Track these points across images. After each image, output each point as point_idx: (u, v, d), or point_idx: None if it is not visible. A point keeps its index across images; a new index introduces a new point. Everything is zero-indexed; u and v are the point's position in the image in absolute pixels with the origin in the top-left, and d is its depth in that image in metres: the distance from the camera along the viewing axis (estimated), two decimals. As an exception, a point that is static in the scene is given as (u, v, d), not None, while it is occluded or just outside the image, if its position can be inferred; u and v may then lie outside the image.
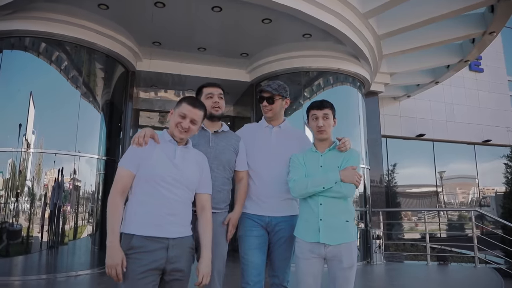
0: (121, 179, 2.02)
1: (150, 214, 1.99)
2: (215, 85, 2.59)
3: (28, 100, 5.41)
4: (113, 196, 2.00)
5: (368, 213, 6.89)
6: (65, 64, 5.70)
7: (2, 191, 5.22)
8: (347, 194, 2.31)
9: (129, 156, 2.07)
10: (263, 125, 2.70)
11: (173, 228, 2.02)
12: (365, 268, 6.27)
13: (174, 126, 2.11)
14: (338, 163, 2.38)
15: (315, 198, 2.33)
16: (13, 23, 5.31)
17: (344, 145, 2.41)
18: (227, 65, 7.26)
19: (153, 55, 6.86)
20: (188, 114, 2.09)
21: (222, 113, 2.57)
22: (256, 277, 2.47)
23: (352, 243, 2.32)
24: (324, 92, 6.93)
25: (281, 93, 2.61)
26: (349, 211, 2.38)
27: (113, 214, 1.96)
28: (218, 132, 2.55)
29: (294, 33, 6.03)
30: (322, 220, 2.29)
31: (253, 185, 2.60)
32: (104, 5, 5.13)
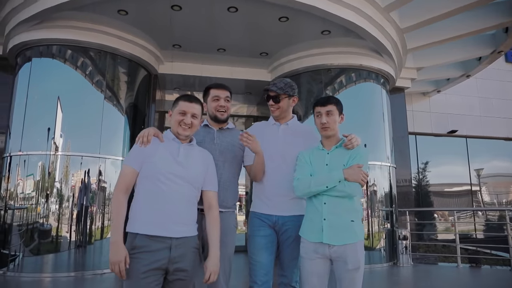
0: (124, 177, 2.06)
1: (153, 212, 2.00)
2: (223, 87, 2.57)
3: (56, 104, 5.65)
4: (117, 194, 2.03)
5: (394, 213, 6.68)
6: (89, 69, 5.91)
7: (33, 193, 5.48)
8: (351, 193, 2.24)
9: (133, 154, 2.11)
10: (270, 123, 2.68)
11: (176, 227, 2.02)
12: (391, 270, 6.08)
13: (177, 125, 2.14)
14: (344, 161, 2.30)
15: (319, 197, 2.28)
16: (41, 33, 5.56)
17: (351, 142, 2.33)
18: (248, 65, 7.26)
19: (175, 58, 6.98)
20: (188, 109, 2.13)
21: (227, 116, 2.56)
22: (264, 277, 2.45)
23: (358, 243, 2.24)
24: (347, 90, 6.78)
25: (287, 92, 2.57)
26: (355, 210, 2.30)
27: (117, 212, 1.99)
28: (223, 129, 2.56)
29: (312, 30, 5.94)
30: (326, 219, 2.24)
31: (261, 183, 2.58)
32: (123, 11, 5.27)
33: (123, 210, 2.01)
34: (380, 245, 6.37)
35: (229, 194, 2.50)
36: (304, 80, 6.97)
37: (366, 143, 6.33)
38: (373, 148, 6.60)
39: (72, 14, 5.35)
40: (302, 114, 6.85)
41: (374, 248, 6.32)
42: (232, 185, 2.54)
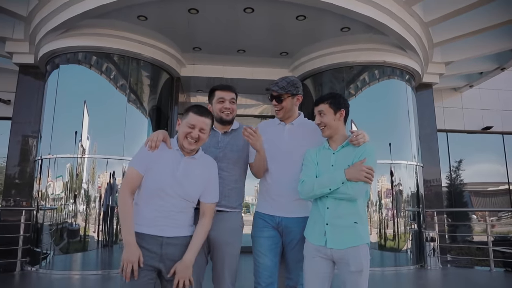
0: (130, 179, 2.09)
1: (146, 216, 2.07)
2: (228, 88, 2.55)
3: (82, 108, 5.88)
4: (123, 195, 2.07)
5: (421, 213, 6.43)
6: (113, 74, 6.11)
7: (62, 194, 5.73)
8: (354, 195, 2.14)
9: (139, 157, 2.13)
10: (275, 122, 2.62)
11: (166, 228, 2.08)
12: (418, 273, 5.87)
13: (183, 137, 2.10)
14: (350, 161, 2.21)
15: (323, 201, 2.23)
16: (68, 41, 5.81)
17: (356, 138, 2.23)
18: (269, 65, 7.24)
19: (196, 60, 7.08)
20: (197, 124, 2.09)
21: (233, 118, 2.53)
22: (268, 279, 2.43)
23: (361, 246, 2.16)
24: (370, 88, 6.60)
25: (289, 91, 2.47)
26: (359, 213, 2.22)
27: (126, 213, 2.04)
28: (228, 132, 2.54)
29: (331, 28, 5.84)
30: (328, 224, 2.18)
31: (266, 183, 2.55)
32: (142, 16, 5.41)
33: (131, 211, 2.06)
34: (406, 247, 6.16)
35: (233, 195, 2.49)
36: (326, 78, 6.87)
37: (391, 142, 6.30)
38: (398, 147, 6.41)
39: (96, 22, 5.55)
40: (324, 113, 6.75)
41: (400, 249, 6.12)
42: (237, 187, 2.53)
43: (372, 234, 6.13)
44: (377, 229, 6.16)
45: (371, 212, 6.22)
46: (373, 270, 5.88)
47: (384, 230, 6.15)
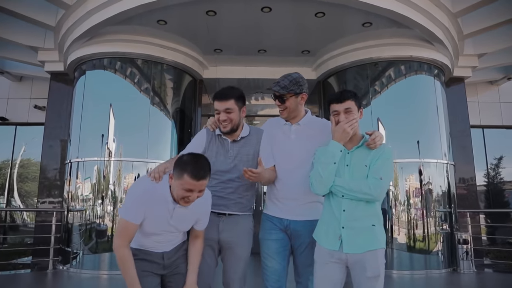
0: (128, 233, 2.04)
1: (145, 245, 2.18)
2: (222, 98, 2.37)
3: (108, 112, 6.06)
4: (121, 249, 2.01)
5: (453, 214, 6.12)
6: (137, 78, 6.26)
7: (90, 195, 5.94)
8: (377, 196, 2.05)
9: (134, 210, 2.03)
10: (282, 122, 2.52)
11: (166, 247, 2.20)
12: (449, 277, 5.58)
13: (179, 198, 1.99)
14: (367, 161, 2.12)
15: (338, 202, 2.11)
16: (93, 48, 6.02)
17: (374, 141, 2.13)
18: (291, 64, 7.14)
19: (218, 62, 7.12)
20: (195, 188, 1.95)
21: (233, 127, 2.39)
22: (276, 283, 2.38)
23: (379, 251, 2.07)
24: (396, 84, 6.36)
25: (292, 90, 2.37)
26: (377, 214, 2.14)
27: (127, 267, 1.99)
28: (237, 140, 2.45)
29: (352, 24, 5.68)
30: (344, 228, 2.07)
31: (273, 186, 2.50)
32: (162, 21, 5.50)
33: (131, 262, 2.02)
34: (437, 249, 5.88)
35: (244, 202, 2.46)
36: (350, 76, 6.70)
37: (419, 139, 6.06)
38: (427, 145, 6.14)
39: (118, 28, 5.71)
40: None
41: (430, 251, 5.85)
42: (248, 194, 2.49)
43: (400, 235, 5.91)
44: (406, 229, 5.92)
45: (399, 212, 5.99)
46: (402, 273, 5.66)
47: (413, 231, 5.90)
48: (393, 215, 5.99)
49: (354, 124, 2.10)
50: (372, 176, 2.07)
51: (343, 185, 2.08)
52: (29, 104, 8.21)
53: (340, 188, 2.09)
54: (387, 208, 5.98)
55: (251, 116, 9.19)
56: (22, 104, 8.29)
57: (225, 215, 2.40)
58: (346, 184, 2.09)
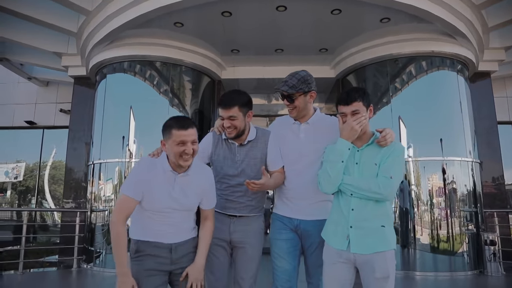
0: (126, 207, 2.02)
1: (150, 226, 2.09)
2: (226, 105, 2.33)
3: (128, 114, 6.20)
4: (117, 225, 1.99)
5: (479, 214, 5.89)
6: (156, 80, 6.37)
7: (112, 196, 6.08)
8: (387, 195, 1.99)
9: (133, 185, 2.03)
10: (291, 121, 2.47)
11: (173, 236, 2.11)
12: (476, 279, 5.38)
13: (178, 157, 2.00)
14: (377, 159, 2.06)
15: (347, 201, 2.06)
16: (112, 52, 6.17)
17: (385, 139, 2.06)
18: (309, 63, 7.07)
19: (235, 62, 7.14)
20: (186, 138, 1.97)
21: (238, 133, 2.36)
22: (286, 283, 2.35)
23: (388, 252, 2.01)
24: (417, 81, 6.17)
25: (301, 89, 2.30)
26: (386, 215, 2.07)
27: (118, 243, 1.99)
28: (244, 144, 2.42)
29: (370, 20, 5.57)
30: (352, 227, 2.02)
31: (283, 185, 2.46)
32: (178, 23, 5.57)
33: (124, 240, 2.01)
34: (462, 250, 5.68)
35: (254, 204, 2.45)
36: (370, 73, 6.58)
37: (442, 137, 5.87)
38: (451, 143, 5.95)
39: (137, 32, 5.82)
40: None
41: (455, 253, 5.65)
42: (258, 196, 2.46)
43: (423, 235, 5.75)
44: (429, 230, 5.75)
45: (422, 212, 5.83)
46: (425, 274, 5.50)
47: (437, 231, 5.72)
48: (416, 215, 5.83)
49: (363, 122, 2.04)
50: (382, 174, 2.01)
51: (352, 183, 2.04)
52: (55, 108, 8.51)
53: (349, 186, 2.04)
54: (409, 208, 5.84)
55: (272, 116, 9.17)
56: (48, 108, 8.60)
57: (235, 217, 2.41)
58: (355, 182, 2.04)
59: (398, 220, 5.90)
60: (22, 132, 8.98)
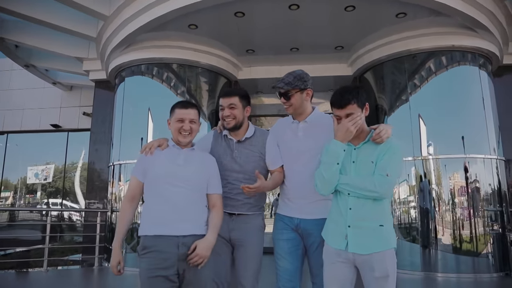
0: (130, 187, 2.23)
1: (158, 213, 2.10)
2: (227, 94, 2.46)
3: (147, 116, 6.32)
4: (123, 202, 2.25)
5: (504, 213, 5.66)
6: (173, 82, 6.48)
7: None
8: (383, 193, 1.94)
9: (137, 164, 2.25)
10: (290, 120, 2.50)
11: (181, 225, 2.08)
12: (501, 281, 5.17)
13: (177, 133, 2.20)
14: (373, 157, 2.02)
15: (345, 200, 2.03)
16: (130, 55, 6.32)
17: (379, 136, 2.03)
18: (325, 61, 7.04)
19: (251, 63, 7.16)
20: (185, 116, 2.18)
21: (237, 124, 2.41)
22: (288, 283, 2.34)
23: (387, 252, 1.97)
24: (437, 77, 5.99)
25: (297, 86, 2.33)
26: (385, 214, 2.03)
27: (120, 219, 2.21)
28: (242, 141, 2.46)
29: (385, 15, 5.46)
30: (350, 226, 2.00)
31: (283, 185, 2.48)
32: (193, 25, 5.64)
33: (126, 217, 2.21)
34: (486, 251, 5.47)
35: (253, 202, 2.45)
36: (387, 70, 6.44)
37: (463, 134, 5.68)
38: (473, 140, 5.75)
39: (152, 35, 5.94)
40: (387, 108, 6.32)
41: (479, 254, 5.45)
42: (257, 194, 2.43)
43: (444, 236, 5.58)
44: (451, 230, 5.57)
45: (443, 212, 5.66)
46: (448, 276, 5.34)
47: (459, 232, 5.54)
48: (437, 215, 5.67)
49: (358, 122, 2.00)
50: (378, 172, 1.97)
51: (348, 182, 2.01)
52: (79, 111, 8.80)
53: (346, 186, 2.02)
54: (429, 207, 5.68)
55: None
56: (72, 111, 8.90)
57: (234, 215, 2.42)
58: (351, 181, 2.01)
59: (418, 220, 5.76)
60: (49, 135, 9.34)
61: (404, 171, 5.94)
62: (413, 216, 5.86)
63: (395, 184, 2.01)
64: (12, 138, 9.66)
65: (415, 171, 5.85)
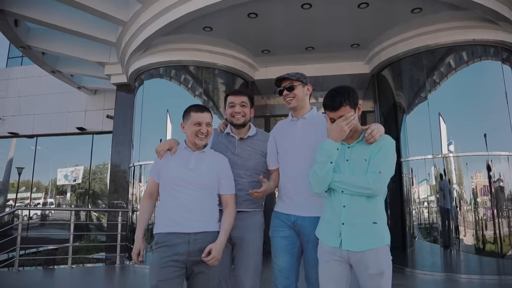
0: (148, 185, 2.44)
1: (170, 214, 2.21)
2: (239, 93, 2.60)
3: (165, 118, 6.47)
4: (142, 198, 2.46)
5: (531, 213, 5.42)
6: (191, 84, 6.59)
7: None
8: (376, 190, 1.94)
9: (153, 165, 2.41)
10: (289, 120, 2.58)
11: (192, 223, 2.18)
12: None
13: (194, 136, 2.28)
14: (366, 155, 2.03)
15: (339, 198, 2.05)
16: (148, 59, 6.49)
17: (371, 135, 2.04)
18: (342, 60, 6.98)
19: (268, 63, 7.19)
20: (202, 120, 2.28)
21: (245, 121, 2.53)
22: (284, 281, 2.36)
23: (380, 249, 1.97)
24: (457, 73, 5.80)
25: (300, 79, 2.46)
26: (379, 212, 2.03)
27: (140, 214, 2.45)
28: (244, 138, 2.54)
29: (400, 11, 5.36)
30: (344, 224, 2.01)
31: (281, 182, 2.52)
32: (207, 27, 5.73)
33: (145, 212, 2.42)
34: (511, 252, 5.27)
35: (253, 199, 2.48)
36: (405, 67, 6.30)
37: (486, 132, 5.49)
38: (496, 137, 5.54)
39: (169, 39, 6.07)
40: (405, 106, 6.18)
41: (504, 255, 5.25)
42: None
43: (466, 236, 5.41)
44: (473, 230, 5.40)
45: (465, 212, 5.49)
46: (470, 277, 5.17)
47: (482, 232, 5.36)
48: (458, 215, 5.50)
49: (352, 122, 2.01)
50: (371, 170, 1.98)
51: (342, 180, 2.02)
52: (103, 114, 9.10)
53: (339, 183, 2.03)
54: (450, 207, 5.52)
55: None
56: (97, 114, 9.22)
57: None
58: (344, 179, 2.02)
59: (439, 220, 5.61)
60: (75, 138, 9.71)
61: (424, 169, 5.81)
62: (433, 216, 5.71)
63: (388, 181, 1.99)
64: (41, 141, 10.12)
65: (435, 169, 5.71)
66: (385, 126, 2.25)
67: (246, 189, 2.43)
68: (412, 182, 5.97)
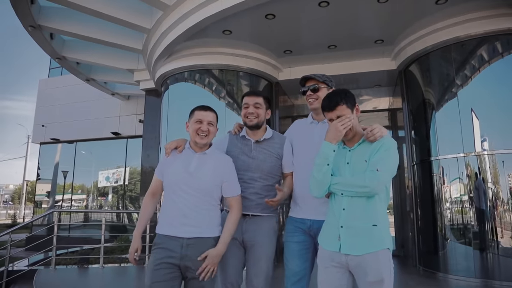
0: (152, 184, 2.43)
1: (168, 216, 2.25)
2: (253, 94, 2.59)
3: (190, 122, 6.60)
4: (145, 197, 2.45)
5: None
6: (215, 87, 6.69)
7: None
8: (374, 188, 1.88)
9: (158, 165, 2.43)
10: (308, 121, 2.55)
11: (186, 228, 2.19)
12: None
13: (194, 134, 2.27)
14: (366, 156, 1.99)
15: (338, 201, 2.01)
16: (172, 64, 6.66)
17: (372, 133, 2.01)
18: (367, 56, 6.79)
19: (291, 63, 7.14)
20: (203, 118, 2.28)
21: (258, 122, 2.50)
22: (295, 285, 2.34)
23: (381, 252, 1.89)
24: (490, 66, 5.46)
25: (326, 81, 2.44)
26: (379, 214, 1.96)
27: (142, 211, 2.43)
28: (260, 141, 2.52)
29: (423, 4, 5.12)
30: (343, 227, 1.97)
31: (295, 186, 2.49)
32: (227, 30, 5.79)
33: (147, 210, 2.42)
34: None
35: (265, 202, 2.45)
36: (434, 61, 5.99)
37: (521, 129, 5.09)
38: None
39: (191, 43, 6.20)
40: (434, 103, 5.89)
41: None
42: (271, 195, 2.48)
43: (504, 238, 5.07)
44: (511, 232, 5.05)
45: (501, 212, 5.14)
46: (509, 284, 4.84)
47: (521, 235, 5.00)
48: (495, 216, 5.17)
49: (348, 123, 1.98)
50: (369, 168, 1.92)
51: (339, 181, 1.98)
52: (135, 119, 9.45)
53: (337, 185, 1.99)
54: (485, 207, 5.20)
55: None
56: (130, 119, 9.59)
57: (248, 216, 2.45)
58: (342, 180, 1.98)
59: (474, 221, 5.30)
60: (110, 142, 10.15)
61: (456, 168, 5.52)
62: (467, 216, 5.40)
63: (388, 181, 1.92)
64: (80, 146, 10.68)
65: (467, 168, 5.40)
66: (414, 124, 2.18)
67: (260, 193, 2.44)
68: (443, 181, 5.68)
